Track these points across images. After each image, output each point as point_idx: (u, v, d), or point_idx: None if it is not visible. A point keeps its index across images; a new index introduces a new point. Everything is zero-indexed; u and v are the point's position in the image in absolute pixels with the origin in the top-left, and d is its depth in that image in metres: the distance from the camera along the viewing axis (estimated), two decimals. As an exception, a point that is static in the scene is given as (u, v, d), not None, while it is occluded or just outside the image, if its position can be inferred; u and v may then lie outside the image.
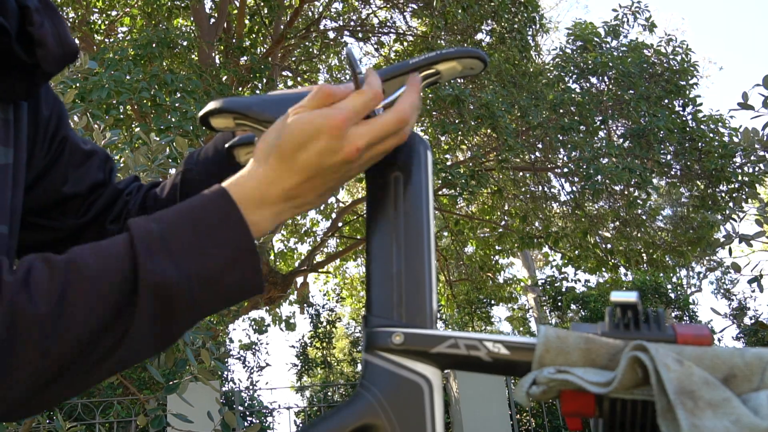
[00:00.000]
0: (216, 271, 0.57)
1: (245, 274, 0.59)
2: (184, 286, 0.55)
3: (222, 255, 0.57)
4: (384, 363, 0.58)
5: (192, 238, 0.57)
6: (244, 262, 0.58)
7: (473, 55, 0.70)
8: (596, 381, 0.53)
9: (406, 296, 0.60)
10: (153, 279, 0.54)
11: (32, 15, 0.70)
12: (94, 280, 0.53)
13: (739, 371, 0.53)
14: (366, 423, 0.56)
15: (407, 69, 0.70)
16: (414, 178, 0.66)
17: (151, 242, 0.56)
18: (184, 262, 0.56)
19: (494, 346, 0.57)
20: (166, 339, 0.58)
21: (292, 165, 0.61)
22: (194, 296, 0.56)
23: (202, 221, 0.58)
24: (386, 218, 0.64)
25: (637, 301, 0.56)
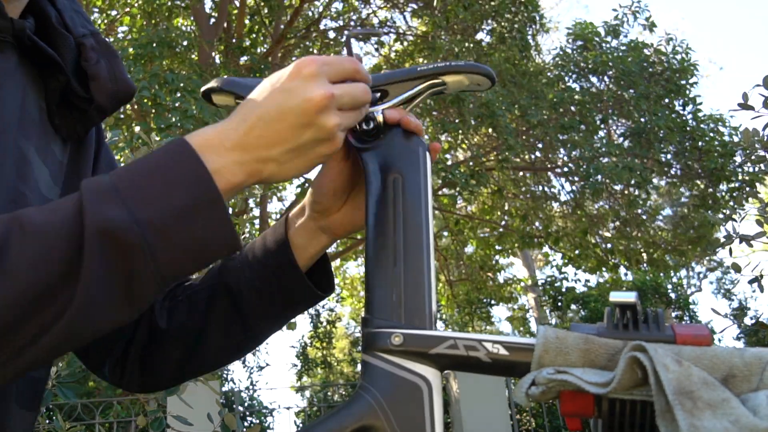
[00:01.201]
0: (174, 218, 0.52)
1: (209, 223, 0.54)
2: (136, 231, 0.50)
3: (180, 200, 0.53)
4: (383, 364, 0.58)
5: (145, 185, 0.53)
6: (207, 209, 0.54)
7: (481, 72, 0.69)
8: (595, 381, 0.53)
9: (405, 297, 0.60)
10: (98, 223, 0.50)
11: (87, 52, 0.71)
12: (36, 232, 0.49)
13: (738, 371, 0.53)
14: (365, 424, 0.56)
15: (414, 75, 0.70)
16: (413, 179, 0.66)
17: (100, 191, 0.52)
18: (135, 207, 0.51)
19: (493, 346, 0.57)
20: (131, 296, 0.52)
21: (255, 108, 0.58)
22: (150, 244, 0.51)
23: (157, 169, 0.54)
24: (385, 219, 0.64)
25: (636, 301, 0.56)
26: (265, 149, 0.58)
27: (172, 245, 0.52)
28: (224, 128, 0.58)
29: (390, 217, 0.64)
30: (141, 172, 0.54)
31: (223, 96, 0.73)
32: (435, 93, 0.72)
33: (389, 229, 0.63)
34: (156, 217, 0.52)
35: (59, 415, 2.31)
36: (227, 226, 0.55)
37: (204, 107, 6.14)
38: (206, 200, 0.54)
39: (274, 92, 0.59)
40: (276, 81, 0.60)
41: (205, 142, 0.57)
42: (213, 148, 0.57)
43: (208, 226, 0.54)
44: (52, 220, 0.51)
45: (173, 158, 0.55)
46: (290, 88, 0.58)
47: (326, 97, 0.58)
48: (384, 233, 0.63)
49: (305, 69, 0.59)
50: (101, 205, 0.51)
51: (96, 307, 0.51)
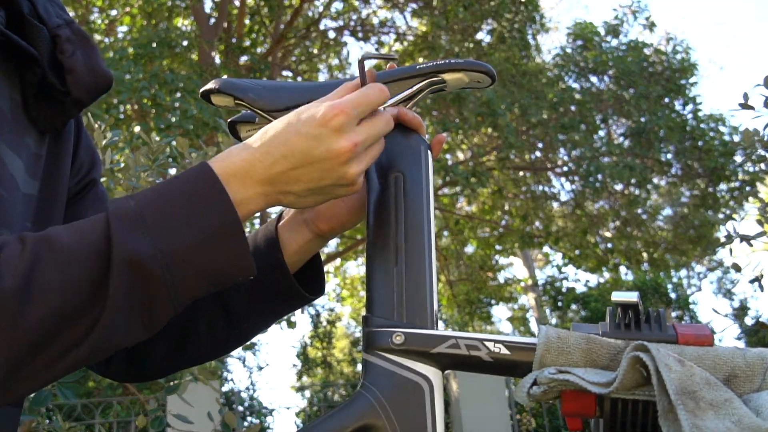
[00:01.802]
0: (196, 248, 0.54)
1: (230, 253, 0.56)
2: (160, 263, 0.53)
3: (202, 231, 0.55)
4: (384, 363, 0.58)
5: (169, 214, 0.55)
6: (228, 239, 0.56)
7: (481, 69, 0.69)
8: (597, 381, 0.53)
9: (406, 296, 0.60)
10: (126, 254, 0.52)
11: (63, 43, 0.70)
12: (65, 256, 0.51)
13: (741, 371, 0.53)
14: (366, 423, 0.56)
15: (414, 73, 0.70)
16: (414, 178, 0.65)
17: (126, 218, 0.54)
18: (160, 237, 0.53)
19: (495, 346, 0.57)
20: (148, 321, 0.55)
21: (281, 145, 0.59)
22: (173, 274, 0.53)
23: (182, 197, 0.56)
24: (387, 218, 0.64)
25: (638, 301, 0.56)
26: (287, 185, 0.60)
27: (192, 275, 0.55)
28: (251, 158, 0.59)
29: (391, 215, 0.64)
30: (165, 199, 0.56)
31: (221, 97, 0.73)
32: (435, 91, 0.71)
33: (390, 227, 0.63)
34: (179, 248, 0.54)
35: (59, 415, 2.31)
36: (246, 257, 0.57)
37: (204, 107, 6.14)
38: (228, 232, 0.56)
39: (300, 135, 0.60)
40: (305, 121, 0.60)
41: (231, 170, 0.59)
42: (239, 178, 0.59)
43: (228, 256, 0.56)
44: (81, 244, 0.53)
45: (198, 186, 0.57)
46: (317, 136, 0.59)
47: (351, 149, 0.60)
48: (385, 232, 0.63)
49: (334, 120, 0.59)
50: (127, 235, 0.53)
51: (117, 330, 0.53)
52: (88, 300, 0.51)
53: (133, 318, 0.54)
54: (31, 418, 1.84)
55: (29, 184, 0.68)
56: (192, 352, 0.79)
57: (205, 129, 6.21)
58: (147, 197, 0.56)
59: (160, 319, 0.56)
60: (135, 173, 1.88)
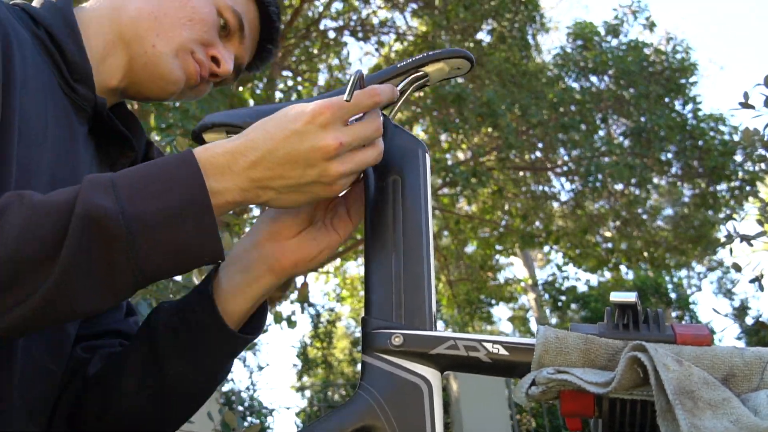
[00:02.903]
0: (160, 217, 0.54)
1: (195, 229, 0.55)
2: (120, 222, 0.53)
3: (170, 201, 0.55)
4: (383, 364, 0.58)
5: (140, 183, 0.55)
6: (196, 215, 0.55)
7: (459, 55, 0.70)
8: (595, 381, 0.53)
9: (405, 298, 0.60)
10: (87, 208, 0.52)
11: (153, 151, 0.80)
12: (31, 208, 0.53)
13: (739, 371, 0.53)
14: (365, 425, 0.56)
15: (395, 73, 0.71)
16: (412, 180, 0.66)
17: (99, 183, 0.55)
18: (125, 200, 0.54)
19: (493, 347, 0.57)
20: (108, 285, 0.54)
21: (268, 141, 0.60)
22: (134, 237, 0.53)
23: (157, 172, 0.57)
24: (385, 221, 0.64)
25: (637, 301, 0.56)
26: (268, 180, 0.60)
27: (155, 243, 0.54)
28: (234, 150, 0.60)
29: (389, 218, 0.64)
30: (140, 172, 0.57)
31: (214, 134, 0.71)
32: (420, 86, 0.72)
33: (389, 230, 0.63)
34: (143, 213, 0.54)
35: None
36: (212, 235, 0.56)
37: (204, 107, 6.14)
38: (196, 207, 0.56)
39: (286, 131, 0.60)
40: (292, 118, 0.61)
41: (213, 160, 0.59)
42: (220, 168, 0.59)
43: (193, 231, 0.55)
44: (49, 200, 0.54)
45: (174, 164, 0.57)
46: (303, 132, 0.60)
47: (336, 147, 0.60)
48: (383, 234, 0.63)
49: (320, 116, 0.60)
50: (94, 194, 0.53)
51: (73, 285, 0.53)
52: (45, 248, 0.52)
53: (89, 276, 0.53)
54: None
55: None
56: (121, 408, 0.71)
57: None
58: (124, 170, 0.57)
59: (120, 284, 0.55)
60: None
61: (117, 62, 0.78)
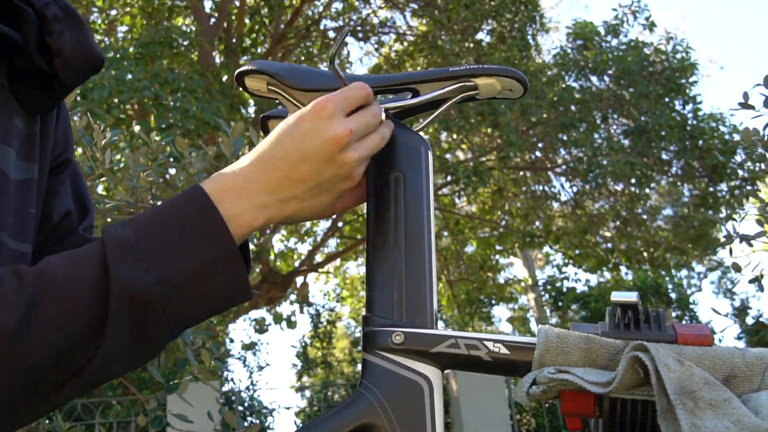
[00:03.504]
0: (193, 277, 0.54)
1: (228, 280, 0.55)
2: (159, 293, 0.52)
3: (199, 258, 0.54)
4: (384, 362, 0.58)
5: (165, 241, 0.54)
6: (226, 265, 0.55)
7: (514, 76, 0.67)
8: (596, 381, 0.53)
9: (406, 296, 0.60)
10: (125, 286, 0.51)
11: (51, 24, 0.67)
12: (63, 291, 0.51)
13: (740, 371, 0.53)
14: (366, 423, 0.56)
15: (446, 75, 0.69)
16: (414, 177, 0.65)
17: (122, 247, 0.53)
18: (157, 266, 0.53)
19: (494, 345, 0.57)
20: (147, 350, 0.55)
21: (277, 150, 0.59)
22: (171, 304, 0.53)
23: (176, 222, 0.55)
24: (387, 218, 0.64)
25: (638, 301, 0.56)
26: (288, 189, 0.59)
27: (190, 302, 0.54)
28: (245, 171, 0.59)
29: (391, 215, 0.64)
30: (158, 225, 0.55)
31: (255, 80, 0.71)
32: (467, 99, 0.70)
33: (390, 227, 0.63)
34: (177, 278, 0.53)
35: (59, 415, 2.30)
36: (242, 281, 0.56)
37: (205, 107, 6.13)
38: (223, 257, 0.55)
39: (293, 134, 0.59)
40: (294, 123, 0.60)
41: (225, 186, 0.58)
42: (234, 192, 0.57)
43: (224, 282, 0.55)
44: (78, 277, 0.52)
45: (192, 211, 0.56)
46: (311, 129, 0.59)
47: (346, 134, 0.59)
48: (385, 231, 0.63)
49: (323, 110, 0.60)
50: (124, 265, 0.52)
51: (115, 361, 0.53)
52: (87, 334, 0.51)
53: (130, 348, 0.53)
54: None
55: (25, 168, 0.66)
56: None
57: (206, 128, 6.21)
58: (142, 222, 0.55)
59: (157, 348, 0.56)
60: (135, 173, 1.88)
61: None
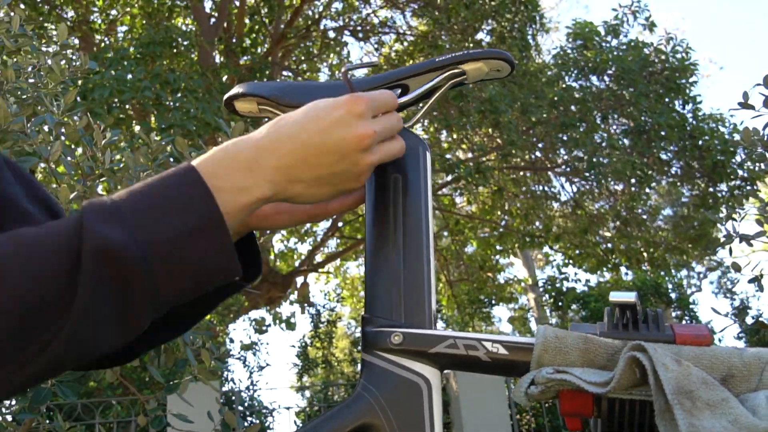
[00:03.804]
0: (174, 240, 0.51)
1: (210, 248, 0.53)
2: (136, 252, 0.49)
3: (180, 222, 0.52)
4: (383, 363, 0.58)
5: (146, 206, 0.52)
6: (209, 232, 0.53)
7: (500, 57, 0.69)
8: (594, 381, 0.53)
9: (405, 296, 0.60)
10: (98, 242, 0.48)
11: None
12: (32, 247, 0.48)
13: (738, 371, 0.53)
14: (365, 423, 0.56)
15: (433, 66, 0.70)
16: (413, 178, 0.66)
17: (101, 210, 0.51)
18: (136, 227, 0.50)
19: (493, 346, 0.57)
20: (127, 319, 0.51)
21: (300, 132, 0.59)
22: (150, 265, 0.50)
23: (161, 190, 0.54)
24: (386, 219, 0.64)
25: (636, 301, 0.56)
26: (299, 172, 0.59)
27: (171, 268, 0.52)
28: (261, 145, 0.58)
29: (390, 216, 0.64)
30: (144, 193, 0.54)
31: (246, 102, 0.71)
32: (456, 84, 0.71)
33: (389, 228, 0.63)
34: (157, 239, 0.51)
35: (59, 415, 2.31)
36: (228, 251, 0.54)
37: (205, 107, 6.14)
38: (208, 223, 0.53)
39: (322, 120, 0.60)
40: (324, 110, 0.60)
41: (240, 159, 0.57)
42: (247, 162, 0.57)
43: (208, 250, 0.53)
44: (48, 236, 0.49)
45: (177, 181, 0.54)
46: (340, 121, 0.59)
47: (372, 135, 0.60)
48: (384, 232, 0.63)
49: (356, 107, 0.60)
50: (102, 225, 0.50)
51: (91, 328, 0.49)
52: (56, 292, 0.48)
53: (108, 312, 0.50)
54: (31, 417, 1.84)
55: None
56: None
57: (207, 129, 6.21)
58: (124, 193, 0.54)
59: (139, 318, 0.52)
60: (135, 173, 1.89)
61: None
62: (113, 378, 2.22)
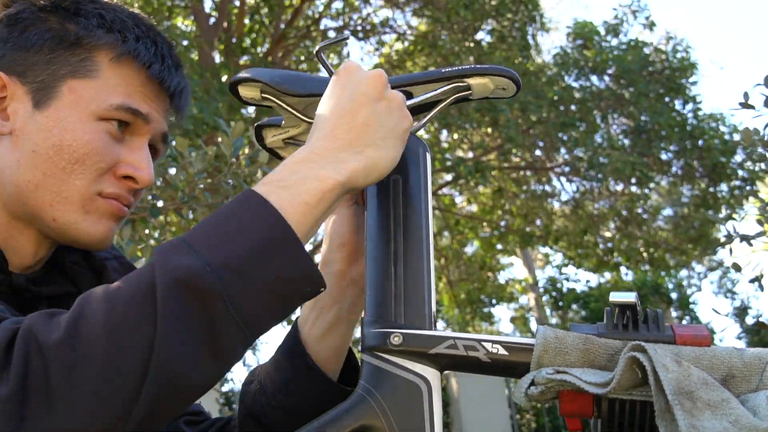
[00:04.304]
0: (247, 258, 0.50)
1: (286, 260, 0.52)
2: (209, 274, 0.48)
3: (251, 241, 0.51)
4: (383, 364, 0.58)
5: (214, 232, 0.52)
6: (281, 246, 0.52)
7: (506, 75, 0.67)
8: (594, 381, 0.53)
9: (405, 297, 0.60)
10: (171, 274, 0.48)
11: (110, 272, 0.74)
12: (108, 297, 0.48)
13: (738, 372, 0.53)
14: (364, 424, 0.56)
15: (438, 76, 0.69)
16: (413, 179, 0.65)
17: (171, 246, 0.51)
18: (206, 253, 0.50)
19: (493, 346, 0.57)
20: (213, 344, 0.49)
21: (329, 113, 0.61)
22: (227, 287, 0.49)
23: (226, 216, 0.53)
24: (386, 220, 0.64)
25: (636, 301, 0.56)
26: (357, 138, 0.59)
27: (249, 286, 0.50)
28: (310, 145, 0.59)
29: (390, 217, 0.64)
30: (210, 222, 0.53)
31: (249, 88, 0.70)
32: (460, 99, 0.70)
33: (389, 229, 0.63)
34: (229, 259, 0.50)
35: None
36: (306, 261, 0.53)
37: (205, 107, 6.13)
38: (280, 237, 0.52)
39: (335, 94, 0.62)
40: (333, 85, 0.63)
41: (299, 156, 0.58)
42: (305, 161, 0.57)
43: (285, 263, 0.52)
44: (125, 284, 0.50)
45: (240, 206, 0.54)
46: (348, 81, 0.62)
47: (380, 74, 0.62)
48: (384, 233, 0.63)
49: (350, 66, 0.64)
50: (171, 257, 0.49)
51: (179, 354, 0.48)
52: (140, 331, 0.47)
53: (194, 340, 0.48)
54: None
55: None
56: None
57: (205, 129, 6.20)
58: (192, 229, 0.53)
59: (227, 342, 0.50)
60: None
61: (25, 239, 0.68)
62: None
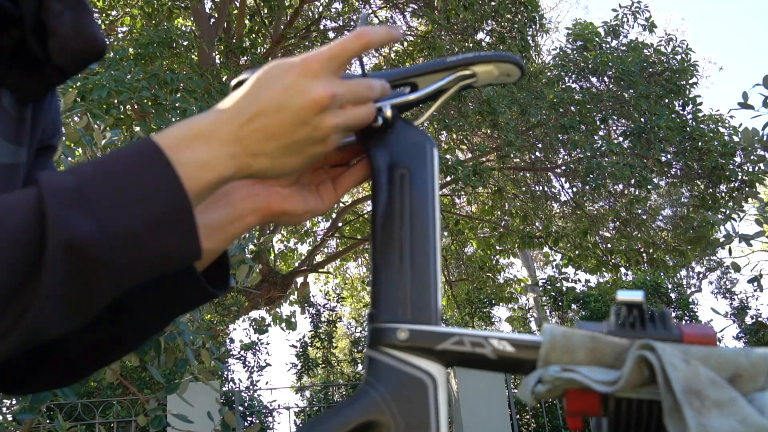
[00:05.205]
0: (141, 231, 0.49)
1: (178, 235, 0.51)
2: (104, 245, 0.47)
3: (150, 211, 0.49)
4: (388, 359, 0.58)
5: (114, 192, 0.49)
6: (177, 220, 0.51)
7: (510, 61, 0.68)
8: (602, 380, 0.53)
9: (411, 293, 0.60)
10: (66, 235, 0.46)
11: (51, 2, 0.62)
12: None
13: (745, 371, 0.53)
14: (370, 419, 0.55)
15: (443, 66, 0.69)
16: (420, 174, 0.65)
17: (65, 194, 0.47)
18: (104, 218, 0.48)
19: (500, 343, 0.57)
20: (84, 308, 0.49)
21: (255, 101, 0.56)
22: (116, 258, 0.48)
23: (126, 172, 0.50)
24: (392, 215, 0.64)
25: (643, 300, 0.56)
26: (258, 143, 0.56)
27: (137, 258, 0.50)
28: (218, 119, 0.55)
29: (396, 212, 0.64)
30: (108, 175, 0.50)
31: None
32: (465, 87, 0.70)
33: (396, 224, 0.63)
34: (126, 229, 0.49)
35: (59, 415, 2.30)
36: (194, 238, 0.52)
37: (204, 107, 6.14)
38: (177, 210, 0.51)
39: (274, 87, 0.56)
40: (277, 75, 0.57)
41: (198, 132, 0.54)
42: (205, 138, 0.54)
43: (175, 238, 0.51)
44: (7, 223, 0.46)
45: (143, 161, 0.51)
46: (292, 84, 0.56)
47: (326, 97, 0.56)
48: (390, 228, 0.63)
49: (309, 68, 0.57)
50: (67, 213, 0.47)
51: (49, 319, 0.48)
52: (16, 288, 0.45)
53: (67, 305, 0.48)
54: (31, 417, 1.84)
55: (12, 152, 0.63)
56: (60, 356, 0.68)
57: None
58: (87, 172, 0.50)
59: (96, 306, 0.50)
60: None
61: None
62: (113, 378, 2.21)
